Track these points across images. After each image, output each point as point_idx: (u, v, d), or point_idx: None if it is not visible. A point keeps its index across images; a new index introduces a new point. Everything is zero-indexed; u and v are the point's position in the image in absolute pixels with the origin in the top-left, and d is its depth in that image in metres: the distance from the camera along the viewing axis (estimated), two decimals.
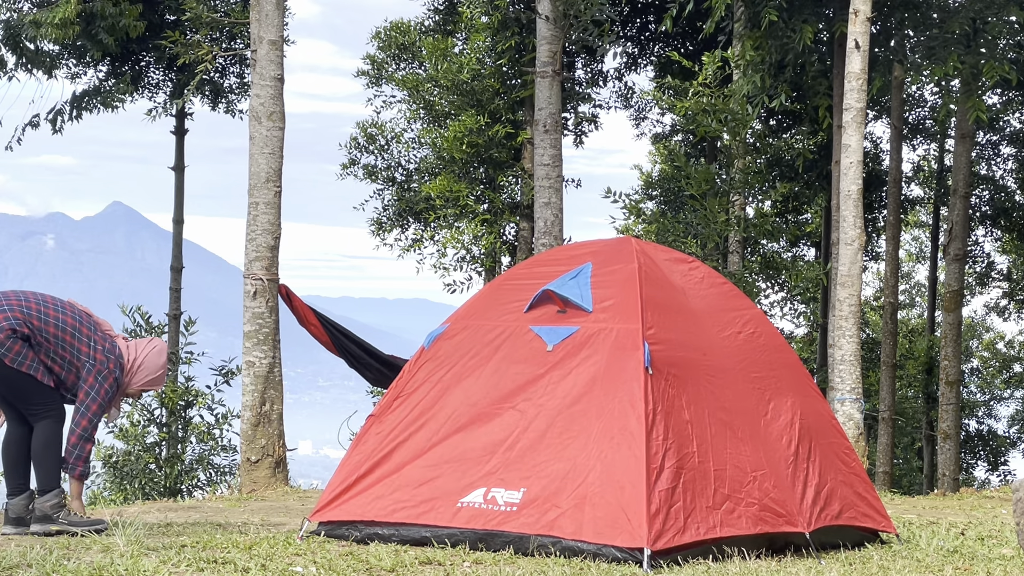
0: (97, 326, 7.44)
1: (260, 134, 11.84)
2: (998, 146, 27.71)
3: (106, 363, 7.28)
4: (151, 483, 17.85)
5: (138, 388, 7.57)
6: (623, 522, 6.35)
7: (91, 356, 7.25)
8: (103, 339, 7.37)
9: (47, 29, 17.84)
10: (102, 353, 7.29)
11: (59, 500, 7.19)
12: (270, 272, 11.78)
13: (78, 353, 7.23)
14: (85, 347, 7.25)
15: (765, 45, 16.78)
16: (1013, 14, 16.29)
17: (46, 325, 7.16)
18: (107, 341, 7.39)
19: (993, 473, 33.69)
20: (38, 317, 7.16)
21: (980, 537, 8.48)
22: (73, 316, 7.32)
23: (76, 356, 7.23)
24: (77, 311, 7.41)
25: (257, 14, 11.90)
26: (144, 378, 7.53)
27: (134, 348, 7.55)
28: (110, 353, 7.33)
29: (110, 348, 7.36)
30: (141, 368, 7.49)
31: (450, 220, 20.47)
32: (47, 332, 7.16)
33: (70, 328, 7.25)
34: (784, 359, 7.89)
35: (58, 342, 7.19)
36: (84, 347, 7.25)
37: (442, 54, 19.85)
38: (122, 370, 7.40)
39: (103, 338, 7.38)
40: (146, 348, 7.59)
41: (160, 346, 7.67)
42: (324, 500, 7.08)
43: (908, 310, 36.19)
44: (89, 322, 7.40)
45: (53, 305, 7.30)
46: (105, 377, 7.27)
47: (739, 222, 18.66)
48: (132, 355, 7.49)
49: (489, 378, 7.18)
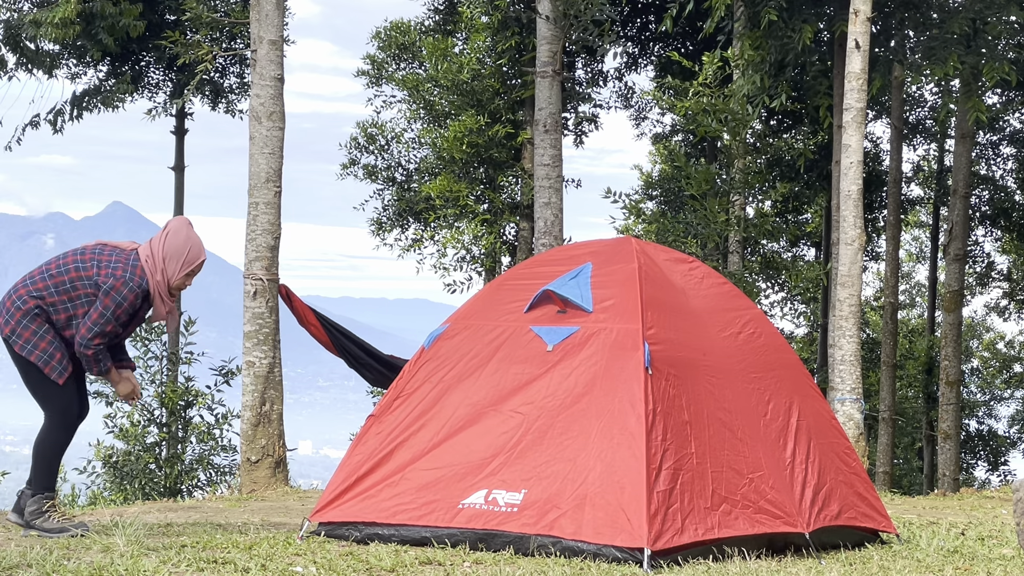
0: (112, 248, 7.10)
1: (260, 134, 11.84)
2: (998, 146, 27.72)
3: (111, 273, 6.92)
4: (151, 483, 17.85)
5: (181, 276, 7.12)
6: (623, 522, 6.35)
7: (100, 275, 6.94)
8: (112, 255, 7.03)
9: (47, 29, 17.84)
10: (107, 267, 6.94)
11: (39, 506, 7.09)
12: (270, 272, 11.78)
13: (91, 283, 6.94)
14: (92, 271, 6.95)
15: (765, 45, 16.78)
16: (1013, 14, 16.29)
17: (51, 279, 6.97)
18: (119, 255, 7.03)
19: (993, 473, 33.70)
20: (42, 278, 7.00)
21: (980, 537, 8.48)
22: (76, 254, 7.06)
23: (91, 286, 6.94)
24: (82, 249, 7.12)
25: (257, 14, 11.89)
26: (178, 264, 7.09)
27: (145, 248, 7.12)
28: (117, 264, 6.97)
29: (118, 261, 7.00)
30: (167, 259, 7.07)
31: (450, 220, 20.48)
32: (56, 284, 6.95)
33: (72, 265, 6.99)
34: (784, 359, 7.89)
35: (68, 284, 6.95)
36: (91, 272, 6.95)
37: (442, 54, 19.85)
38: (135, 272, 6.97)
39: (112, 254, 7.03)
40: (159, 239, 7.14)
41: (173, 227, 7.18)
42: (324, 500, 7.08)
43: (908, 310, 36.20)
44: (96, 250, 7.08)
45: (56, 259, 7.09)
46: (112, 286, 6.89)
47: (739, 222, 18.66)
48: (145, 254, 7.07)
49: (489, 378, 7.17)
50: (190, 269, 7.15)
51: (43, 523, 7.07)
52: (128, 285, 6.95)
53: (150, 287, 7.05)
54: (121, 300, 6.95)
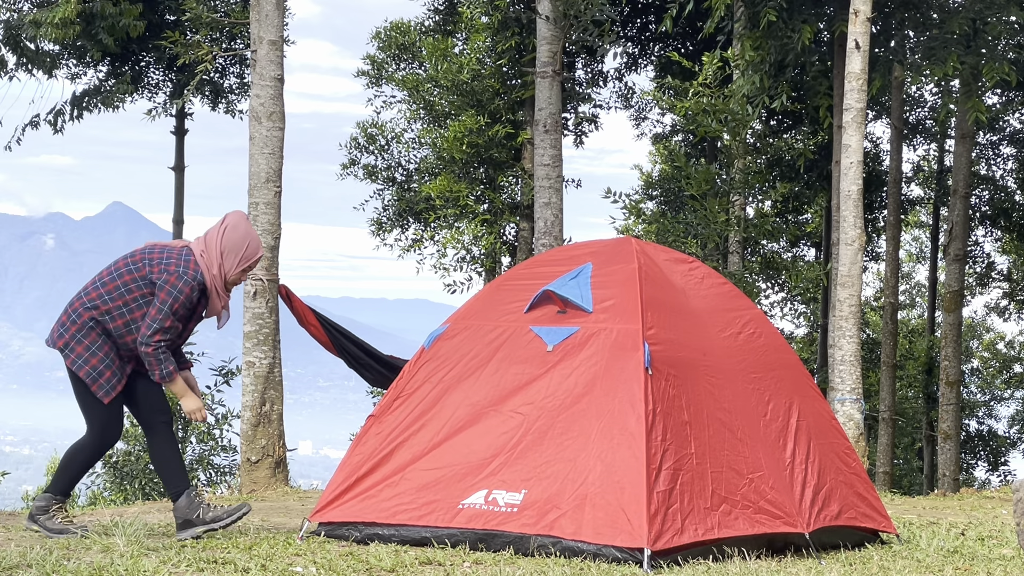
0: (163, 247, 7.04)
1: (260, 134, 11.84)
2: (998, 146, 27.73)
3: (164, 268, 6.85)
4: (151, 483, 17.85)
5: (239, 271, 7.03)
6: (623, 522, 6.35)
7: (152, 273, 6.88)
8: (163, 252, 6.96)
9: (47, 29, 17.85)
10: (159, 264, 6.89)
11: (47, 504, 7.09)
12: (270, 272, 11.78)
13: (144, 283, 6.89)
14: (144, 271, 6.89)
15: (765, 45, 16.78)
16: (1013, 14, 16.29)
17: (104, 287, 6.94)
18: (170, 251, 6.97)
19: (993, 473, 33.71)
20: (95, 288, 6.98)
21: (980, 537, 8.48)
22: (126, 258, 7.01)
23: (145, 286, 6.88)
24: (131, 252, 7.07)
25: (257, 14, 11.89)
26: (236, 259, 6.98)
27: (200, 242, 7.02)
28: (169, 259, 6.89)
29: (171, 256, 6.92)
30: (225, 253, 6.96)
31: (450, 220, 20.48)
32: (109, 291, 6.92)
33: (123, 269, 6.95)
34: (784, 359, 7.89)
35: (122, 288, 6.91)
36: (144, 271, 6.89)
37: (442, 54, 19.86)
38: (189, 266, 6.88)
39: (162, 252, 6.97)
40: (216, 232, 7.03)
41: (232, 221, 7.07)
42: (324, 500, 7.08)
43: (908, 310, 36.20)
44: (146, 250, 7.02)
45: (107, 268, 7.06)
46: (166, 280, 6.82)
47: (739, 222, 18.66)
48: (199, 248, 6.98)
49: (489, 378, 7.18)
50: (248, 264, 7.08)
51: (45, 520, 7.09)
52: (183, 279, 6.88)
53: (206, 281, 6.97)
54: (177, 294, 6.87)
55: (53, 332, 7.08)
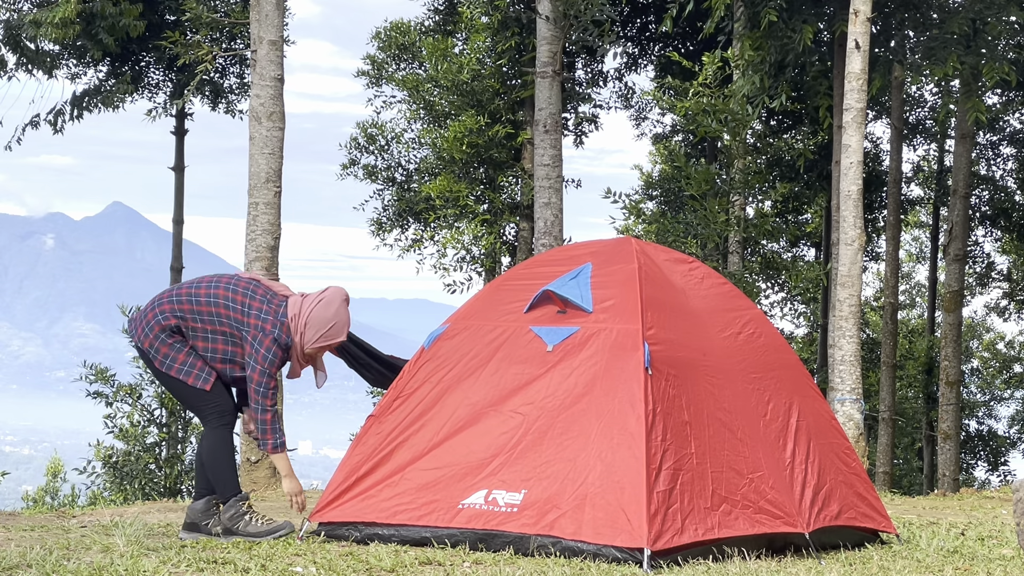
0: (265, 292, 7.03)
1: (260, 134, 11.84)
2: (998, 146, 27.74)
3: (260, 326, 6.89)
4: (151, 483, 17.85)
5: (315, 347, 6.98)
6: (623, 522, 6.35)
7: (247, 324, 6.91)
8: (264, 303, 6.96)
9: (47, 29, 17.85)
10: (256, 317, 6.92)
11: (236, 510, 7.02)
12: (270, 272, 11.78)
13: (236, 324, 6.91)
14: (239, 315, 6.91)
15: (765, 45, 16.78)
16: (1013, 14, 16.29)
17: (197, 305, 6.94)
18: (269, 304, 6.97)
19: (993, 473, 33.72)
20: (188, 300, 6.97)
21: (980, 537, 8.48)
22: (228, 287, 7.00)
23: (235, 327, 6.91)
24: (236, 282, 7.05)
25: (257, 14, 11.90)
26: (315, 335, 6.95)
27: (296, 303, 6.99)
28: (267, 315, 6.91)
29: (269, 311, 6.93)
30: (308, 325, 6.94)
31: (450, 220, 20.48)
32: (200, 312, 6.93)
33: (221, 300, 6.95)
34: (784, 359, 7.89)
35: (214, 318, 6.93)
36: (238, 315, 6.92)
37: (442, 54, 19.86)
38: (282, 329, 6.91)
39: (264, 302, 6.96)
40: (312, 301, 6.99)
41: (327, 296, 7.03)
42: (324, 500, 7.08)
43: (908, 310, 36.20)
44: (249, 290, 7.01)
45: (207, 283, 7.03)
46: (260, 341, 6.87)
47: (739, 222, 18.66)
48: (294, 311, 6.95)
49: (489, 379, 7.17)
50: (325, 344, 7.04)
51: (246, 527, 7.02)
52: (277, 342, 6.93)
53: (292, 345, 7.01)
54: (272, 357, 6.92)
55: (138, 331, 7.07)
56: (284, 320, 6.95)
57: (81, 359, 18.62)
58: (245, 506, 7.08)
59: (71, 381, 18.74)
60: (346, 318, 7.07)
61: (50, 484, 24.41)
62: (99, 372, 17.63)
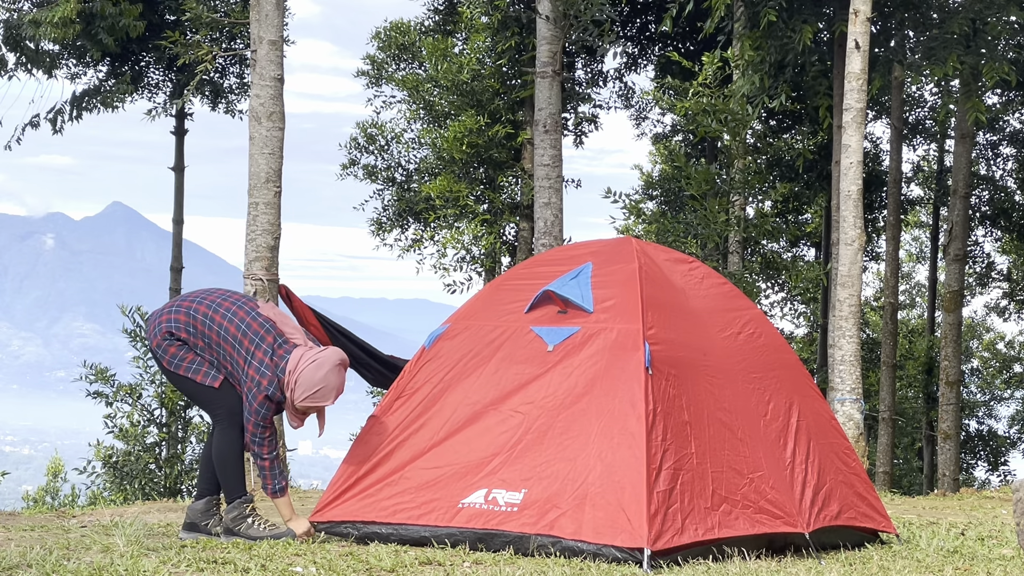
0: (274, 340, 6.95)
1: (260, 134, 11.84)
2: (998, 146, 27.75)
3: (258, 380, 6.87)
4: (151, 483, 17.85)
5: (303, 406, 6.89)
6: (623, 522, 6.35)
7: (246, 372, 6.90)
8: (268, 354, 6.89)
9: (47, 29, 17.85)
10: (256, 370, 6.88)
11: (240, 512, 7.02)
12: (270, 272, 11.78)
13: (236, 365, 6.93)
14: (242, 360, 6.91)
15: (765, 45, 16.78)
16: (1013, 14, 16.29)
17: (208, 331, 6.95)
18: (273, 355, 6.89)
19: (993, 473, 33.72)
20: (203, 322, 6.97)
21: (980, 537, 8.49)
22: (239, 325, 6.96)
23: (236, 367, 6.94)
24: (251, 321, 6.99)
25: (257, 14, 11.89)
26: (303, 395, 6.85)
27: (296, 357, 6.89)
28: (267, 370, 6.87)
29: (270, 364, 6.89)
30: (298, 384, 6.85)
31: (450, 220, 20.49)
32: (209, 338, 6.95)
33: (230, 338, 6.94)
34: (784, 359, 7.89)
35: (219, 349, 6.95)
36: (241, 360, 6.92)
37: (442, 54, 19.86)
38: (278, 386, 6.88)
39: (268, 353, 6.90)
40: (307, 359, 6.88)
41: (321, 359, 6.87)
42: (324, 500, 7.08)
43: (908, 310, 36.21)
44: (259, 336, 6.94)
45: (225, 310, 7.00)
46: (255, 396, 6.87)
47: (739, 222, 18.66)
48: (291, 366, 6.87)
49: (490, 378, 7.18)
50: (310, 405, 6.96)
51: (247, 530, 7.02)
52: (270, 399, 6.91)
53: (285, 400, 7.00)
54: (265, 412, 6.93)
55: (150, 329, 7.11)
56: (282, 376, 6.91)
57: (81, 359, 18.61)
58: (249, 508, 7.08)
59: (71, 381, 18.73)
60: (335, 383, 6.91)
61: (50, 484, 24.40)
62: (99, 372, 17.61)
